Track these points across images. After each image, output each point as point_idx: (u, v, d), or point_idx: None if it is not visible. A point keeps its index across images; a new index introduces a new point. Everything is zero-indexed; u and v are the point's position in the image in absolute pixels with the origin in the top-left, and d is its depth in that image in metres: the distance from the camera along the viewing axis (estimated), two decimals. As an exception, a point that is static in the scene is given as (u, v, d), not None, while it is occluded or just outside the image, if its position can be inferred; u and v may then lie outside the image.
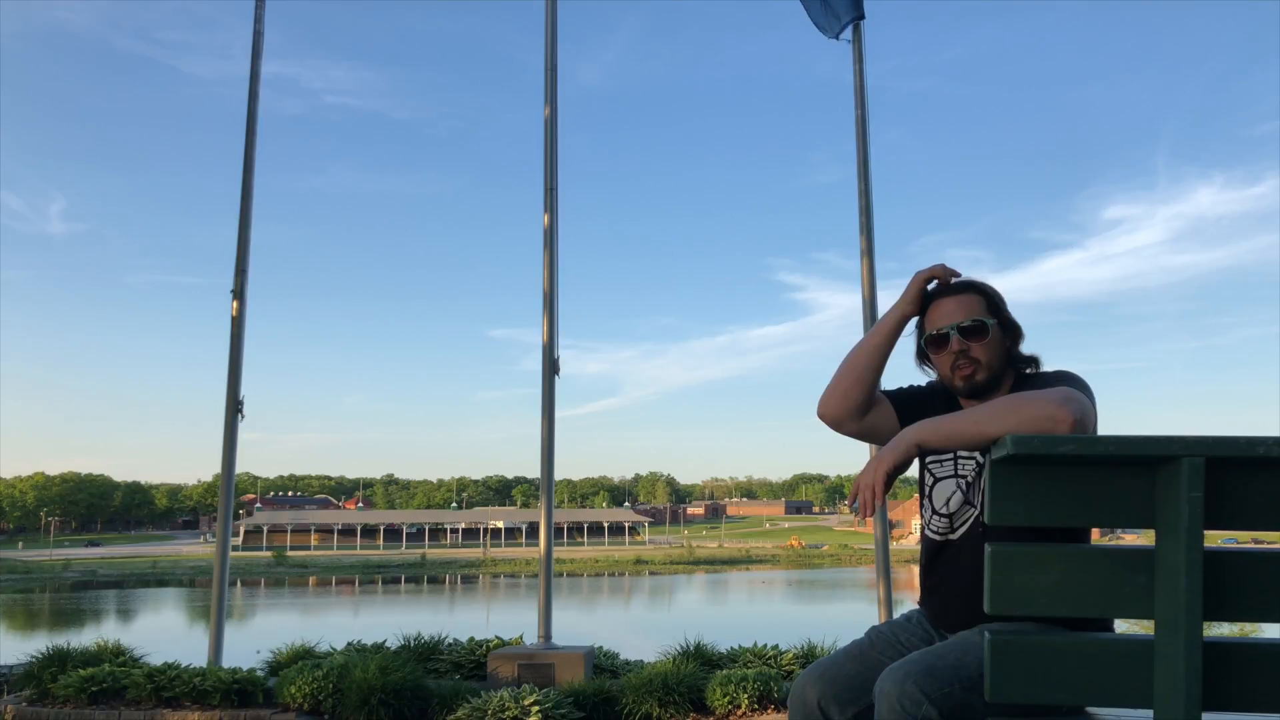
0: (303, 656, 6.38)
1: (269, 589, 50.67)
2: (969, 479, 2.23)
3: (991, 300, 2.28)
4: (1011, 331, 2.28)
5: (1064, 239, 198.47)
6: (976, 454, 2.21)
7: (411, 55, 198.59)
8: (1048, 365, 2.29)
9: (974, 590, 1.99)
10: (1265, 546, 1.80)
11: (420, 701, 5.36)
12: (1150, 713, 1.68)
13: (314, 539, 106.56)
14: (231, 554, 6.94)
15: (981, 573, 1.88)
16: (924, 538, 2.34)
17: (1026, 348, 2.30)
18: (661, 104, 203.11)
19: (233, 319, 6.76)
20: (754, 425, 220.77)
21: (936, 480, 2.28)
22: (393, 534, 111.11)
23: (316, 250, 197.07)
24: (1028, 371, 2.27)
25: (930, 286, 2.32)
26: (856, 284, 6.86)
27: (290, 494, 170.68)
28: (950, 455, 2.26)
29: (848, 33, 6.99)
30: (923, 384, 2.42)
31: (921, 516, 2.34)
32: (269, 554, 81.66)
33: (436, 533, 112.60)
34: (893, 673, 2.02)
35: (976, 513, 2.20)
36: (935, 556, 2.29)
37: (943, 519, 2.26)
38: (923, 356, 2.36)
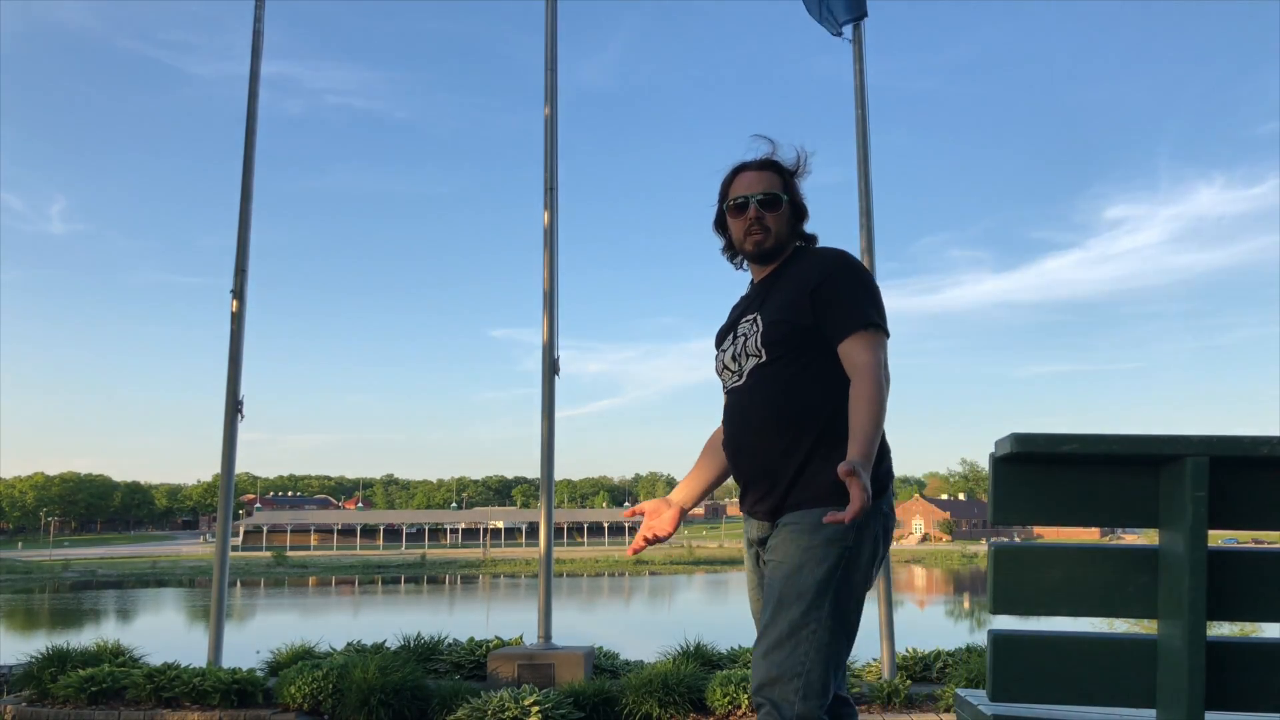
0: (302, 657, 6.37)
1: (269, 589, 50.67)
2: (746, 335, 2.45)
3: (786, 179, 2.55)
4: (799, 210, 2.56)
5: (1065, 239, 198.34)
6: (753, 314, 2.45)
7: (412, 55, 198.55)
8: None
9: (760, 423, 2.37)
10: (1267, 546, 1.80)
11: (420, 702, 5.36)
12: (1153, 712, 1.68)
13: (314, 539, 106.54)
14: (231, 554, 6.93)
15: (765, 401, 2.34)
16: (725, 399, 2.54)
17: None
18: (662, 104, 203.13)
19: (232, 318, 6.75)
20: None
21: (725, 351, 2.53)
22: (393, 534, 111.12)
23: (316, 250, 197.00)
24: (799, 245, 2.55)
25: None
26: (857, 284, 6.85)
27: (290, 494, 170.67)
28: (733, 330, 2.51)
29: (849, 30, 6.99)
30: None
31: (722, 386, 2.55)
32: (269, 554, 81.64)
33: (436, 533, 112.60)
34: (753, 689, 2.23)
35: (758, 359, 2.41)
36: (729, 409, 2.49)
37: (733, 373, 2.48)
38: (720, 224, 2.61)
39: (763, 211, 2.49)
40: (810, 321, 2.35)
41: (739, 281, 2.69)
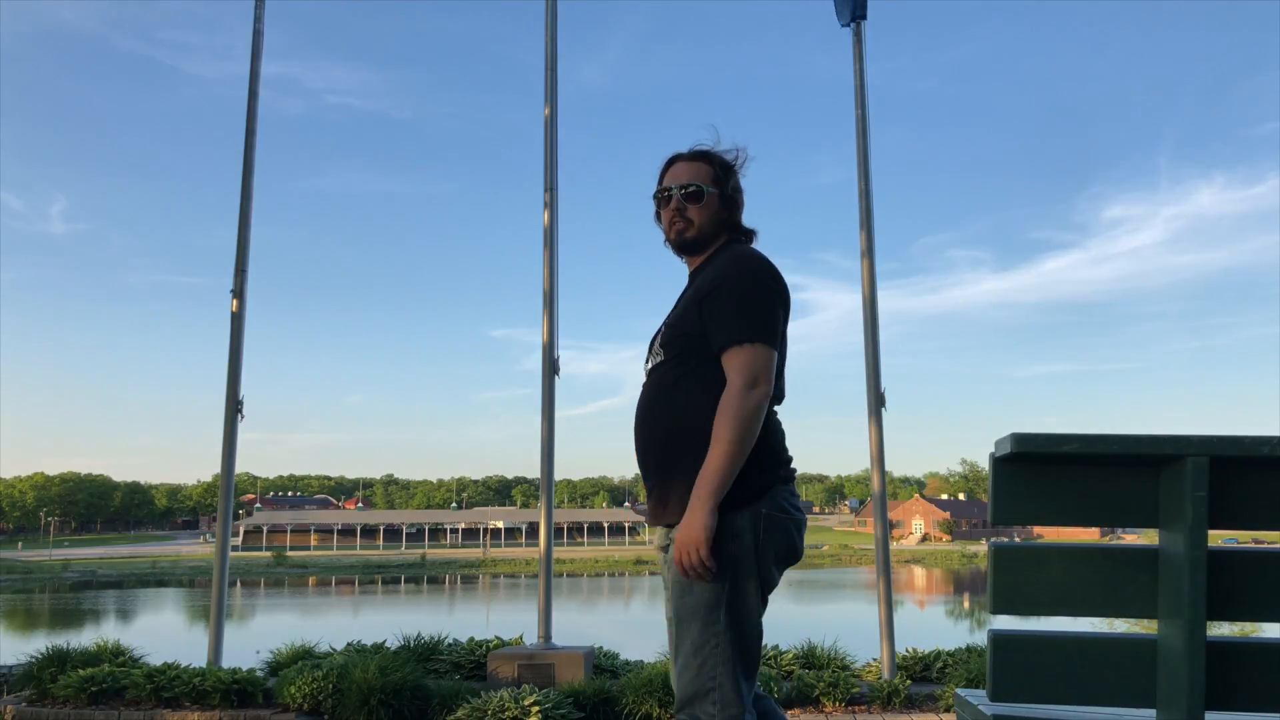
0: (302, 657, 6.37)
1: (269, 589, 50.66)
2: (656, 341, 2.46)
3: (719, 171, 2.49)
4: (730, 204, 2.50)
5: (1065, 239, 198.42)
6: (667, 320, 2.46)
7: (412, 55, 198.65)
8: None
9: (650, 427, 2.38)
10: (1267, 546, 1.80)
11: (420, 702, 5.35)
12: (1153, 712, 1.68)
13: (314, 539, 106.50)
14: (231, 554, 6.93)
15: (654, 404, 2.37)
16: None
17: None
18: (662, 104, 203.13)
19: (232, 318, 6.75)
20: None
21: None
22: (392, 534, 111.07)
23: (317, 250, 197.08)
24: (731, 240, 2.50)
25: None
26: (857, 284, 6.86)
27: (290, 494, 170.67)
28: (662, 323, 2.50)
29: (850, 27, 6.99)
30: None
31: None
32: (269, 554, 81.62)
33: (436, 533, 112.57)
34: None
35: (659, 359, 2.42)
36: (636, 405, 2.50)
37: (647, 369, 2.49)
38: (657, 215, 2.58)
39: (685, 203, 2.46)
40: (698, 329, 2.33)
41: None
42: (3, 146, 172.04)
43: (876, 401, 6.43)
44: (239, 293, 6.78)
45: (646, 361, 2.49)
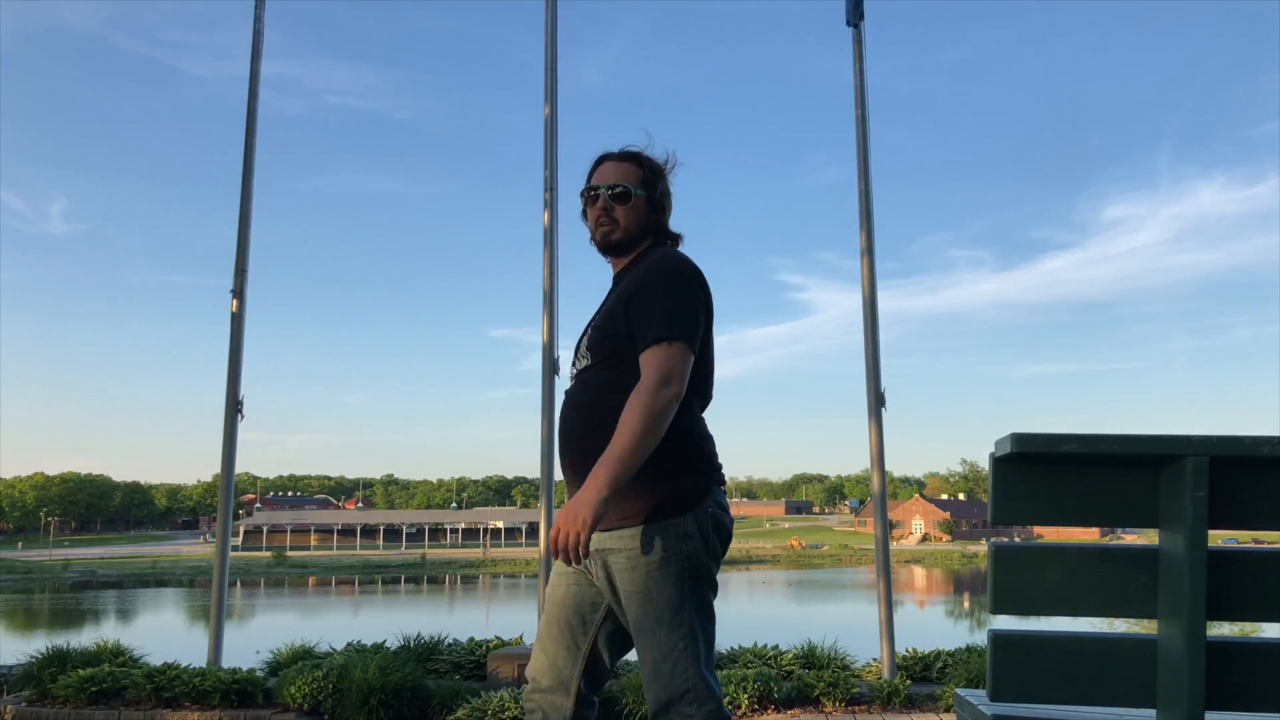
0: (302, 657, 6.37)
1: (268, 589, 50.64)
2: (584, 336, 2.45)
3: (647, 173, 2.48)
4: (657, 207, 2.49)
5: (1065, 239, 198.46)
6: (592, 323, 2.45)
7: (412, 55, 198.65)
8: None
9: (581, 430, 2.35)
10: (1267, 546, 1.80)
11: (420, 702, 5.35)
12: (1153, 712, 1.67)
13: (314, 539, 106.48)
14: (231, 554, 6.93)
15: (585, 406, 2.35)
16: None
17: None
18: (662, 103, 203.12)
19: (232, 318, 6.75)
20: (754, 425, 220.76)
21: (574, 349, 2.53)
22: (392, 534, 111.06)
23: (317, 250, 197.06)
24: (649, 244, 2.49)
25: None
26: (857, 284, 6.86)
27: (290, 494, 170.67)
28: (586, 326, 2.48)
29: (850, 28, 6.99)
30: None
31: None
32: (269, 554, 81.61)
33: (436, 533, 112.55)
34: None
35: (586, 362, 2.41)
36: (561, 408, 2.49)
37: (572, 372, 2.47)
38: (583, 213, 2.56)
39: (612, 203, 2.44)
40: (625, 331, 2.32)
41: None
42: (3, 146, 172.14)
43: (876, 401, 6.43)
44: (239, 293, 6.78)
45: (573, 364, 2.47)
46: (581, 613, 2.37)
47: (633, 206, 2.45)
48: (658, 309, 2.28)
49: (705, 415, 2.48)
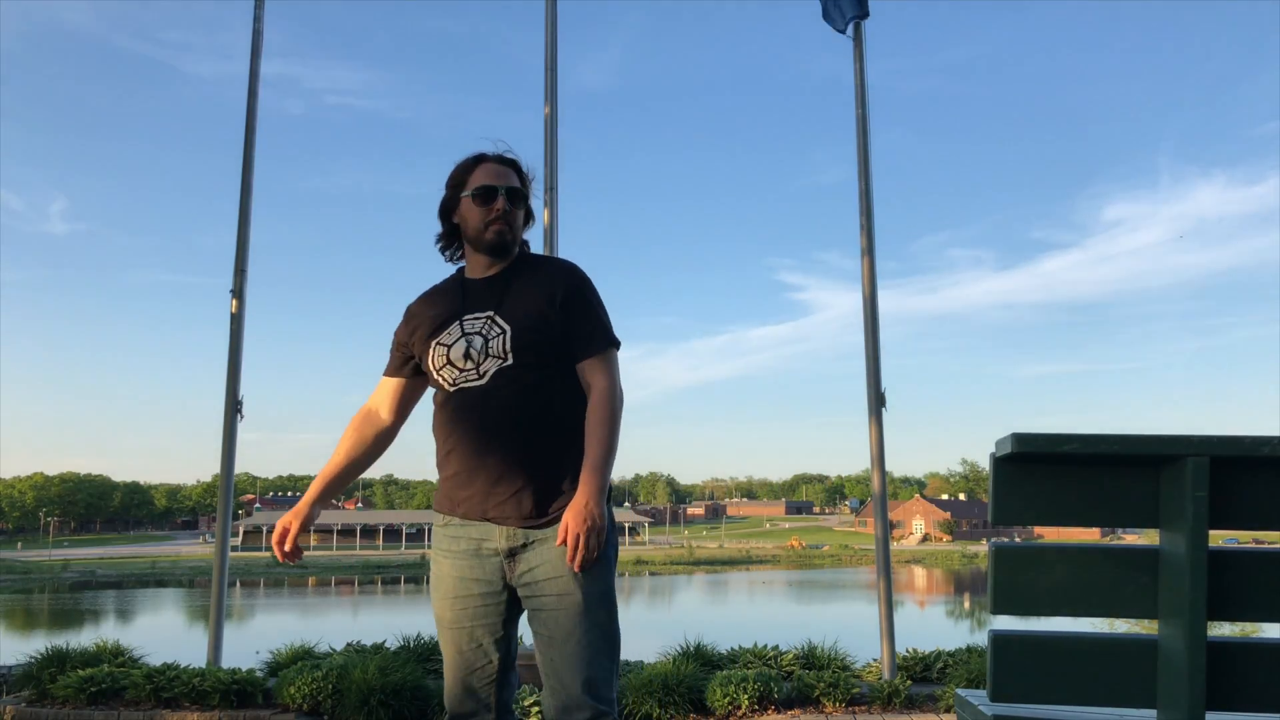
0: (302, 657, 6.37)
1: (268, 589, 50.67)
2: (484, 335, 2.40)
3: (526, 183, 2.54)
4: (529, 216, 2.56)
5: (1065, 239, 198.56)
6: (488, 313, 2.41)
7: (412, 55, 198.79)
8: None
9: (509, 426, 2.32)
10: (1267, 546, 1.80)
11: (420, 702, 5.35)
12: (1154, 712, 1.67)
13: (313, 539, 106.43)
14: (231, 554, 6.93)
15: (512, 404, 2.31)
16: (441, 398, 2.43)
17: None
18: (662, 103, 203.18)
19: (232, 318, 6.75)
20: (754, 425, 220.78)
21: (449, 346, 2.42)
22: (393, 534, 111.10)
23: (317, 250, 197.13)
24: (521, 251, 2.53)
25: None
26: (857, 284, 6.85)
27: (290, 494, 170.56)
28: (456, 323, 2.43)
29: (850, 28, 6.99)
30: (401, 323, 2.58)
31: (439, 383, 2.44)
32: (268, 554, 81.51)
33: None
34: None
35: (502, 361, 2.36)
36: (460, 408, 2.38)
37: (464, 371, 2.39)
38: (450, 209, 2.51)
39: (509, 205, 2.45)
40: (558, 334, 2.39)
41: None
42: (3, 146, 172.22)
43: (877, 401, 6.43)
44: (239, 293, 6.78)
45: (464, 363, 2.38)
46: (492, 628, 2.39)
47: (521, 211, 2.50)
48: (595, 317, 2.43)
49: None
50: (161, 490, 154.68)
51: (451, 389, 2.40)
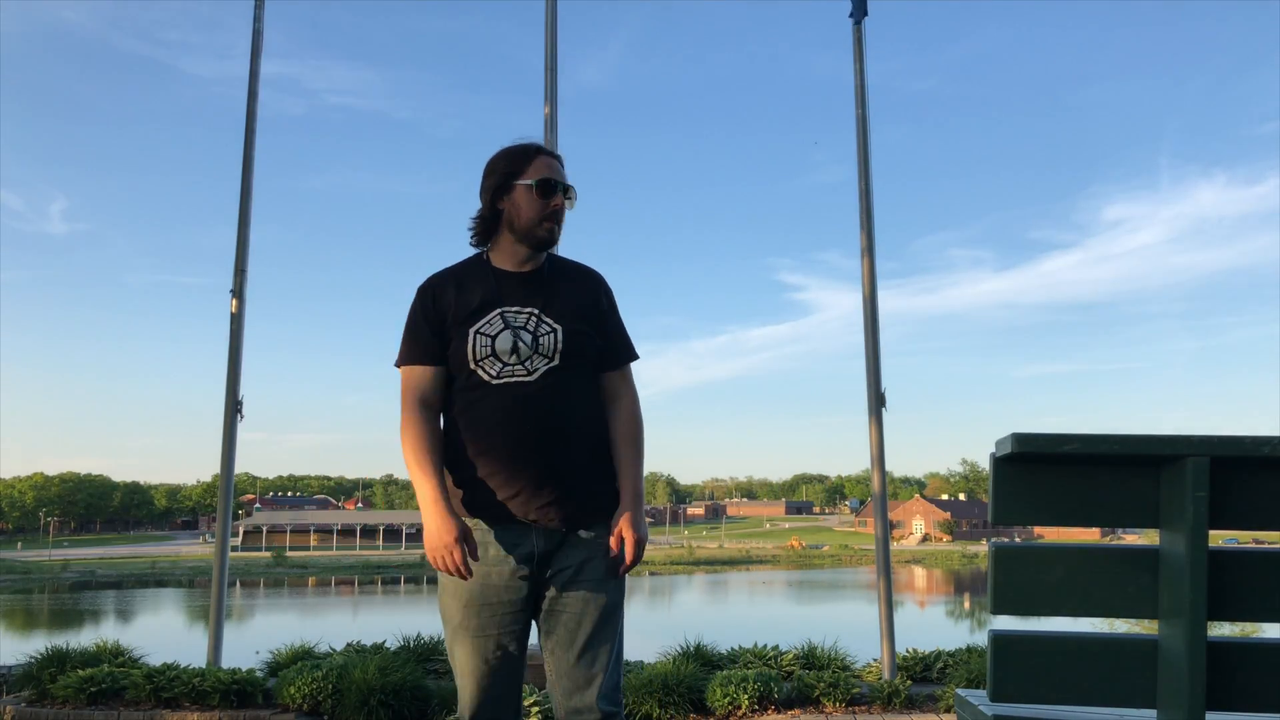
0: (302, 657, 6.37)
1: (268, 589, 50.66)
2: (532, 331, 2.32)
3: None
4: None
5: (1065, 239, 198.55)
6: (531, 309, 2.34)
7: (412, 55, 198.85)
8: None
9: (558, 427, 2.28)
10: (1267, 546, 1.79)
11: (420, 702, 5.35)
12: (1154, 712, 1.67)
13: (313, 539, 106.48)
14: (231, 554, 6.92)
15: (563, 407, 2.29)
16: (478, 391, 2.30)
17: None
18: (662, 103, 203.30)
19: (232, 319, 6.75)
20: (754, 425, 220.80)
21: (493, 337, 2.32)
22: (392, 534, 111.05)
23: (317, 250, 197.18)
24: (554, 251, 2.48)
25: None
26: (857, 284, 6.85)
27: (289, 494, 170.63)
28: (496, 314, 2.33)
29: (849, 28, 6.98)
30: (424, 303, 2.42)
31: (475, 374, 2.31)
32: (268, 554, 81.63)
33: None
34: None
35: (550, 363, 2.31)
36: (504, 405, 2.28)
37: (510, 366, 2.29)
38: (502, 190, 2.38)
39: (564, 203, 2.41)
40: (597, 342, 2.39)
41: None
42: (3, 146, 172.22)
43: (877, 401, 6.43)
44: (239, 293, 6.77)
45: (510, 358, 2.29)
46: (518, 636, 2.34)
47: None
48: (623, 329, 2.49)
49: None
50: (161, 490, 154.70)
51: (495, 383, 2.29)
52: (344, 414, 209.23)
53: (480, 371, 2.30)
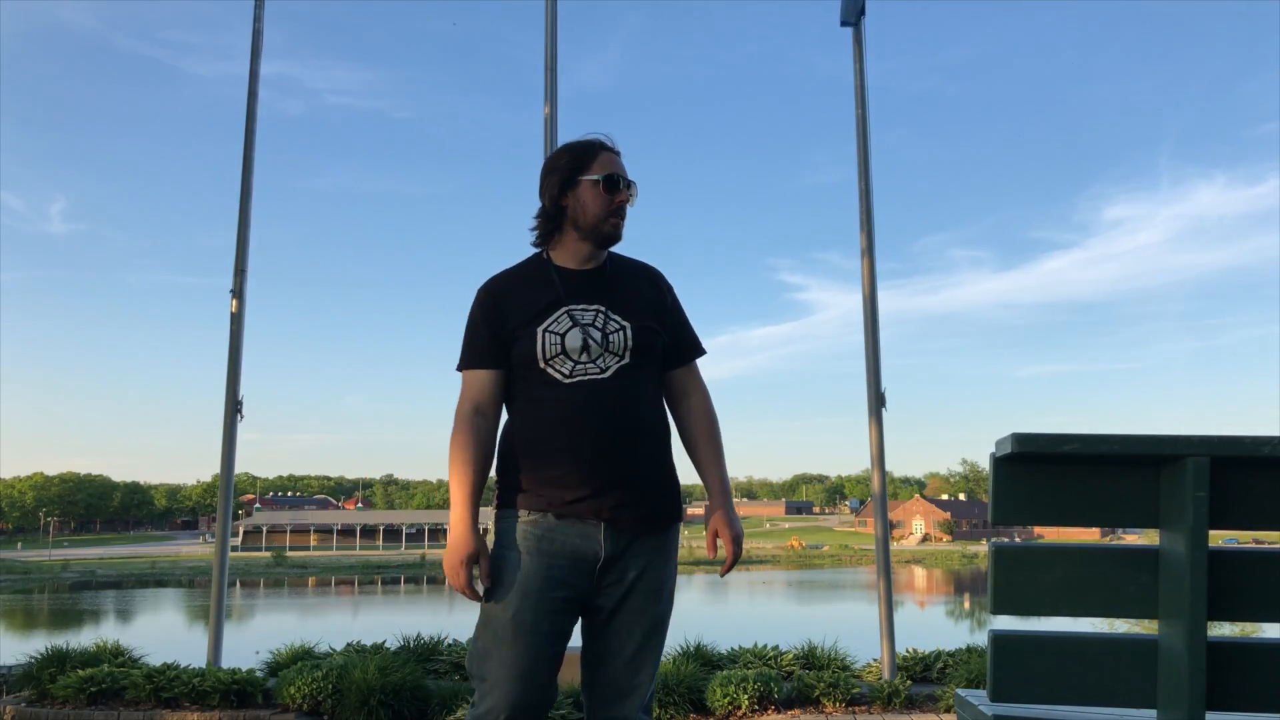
0: (302, 657, 6.37)
1: (268, 589, 50.64)
2: (602, 329, 2.29)
3: None
4: None
5: (1065, 239, 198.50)
6: (597, 307, 2.30)
7: (412, 55, 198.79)
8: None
9: (633, 427, 2.25)
10: (1267, 546, 1.80)
11: (420, 702, 5.35)
12: (1154, 712, 1.67)
13: (313, 539, 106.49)
14: (231, 554, 6.93)
15: (634, 405, 2.26)
16: (550, 390, 2.26)
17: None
18: (662, 103, 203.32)
19: (232, 319, 6.74)
20: (754, 425, 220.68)
21: (563, 335, 2.28)
22: (392, 534, 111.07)
23: (316, 250, 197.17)
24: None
25: None
26: (857, 284, 6.85)
27: (289, 494, 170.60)
28: (563, 312, 2.29)
29: (848, 30, 6.98)
30: (485, 306, 2.36)
31: (546, 372, 2.27)
32: (268, 554, 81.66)
33: (436, 533, 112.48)
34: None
35: (621, 361, 2.28)
36: (579, 403, 2.23)
37: (583, 364, 2.26)
38: (567, 187, 2.33)
39: (629, 198, 2.37)
40: (662, 339, 2.39)
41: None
42: (3, 146, 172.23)
43: (877, 401, 6.43)
44: (238, 293, 6.78)
45: (581, 356, 2.25)
46: (567, 635, 2.32)
47: None
48: (690, 326, 2.49)
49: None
50: (161, 490, 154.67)
51: (568, 381, 2.25)
52: (344, 414, 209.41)
53: (551, 370, 2.26)
